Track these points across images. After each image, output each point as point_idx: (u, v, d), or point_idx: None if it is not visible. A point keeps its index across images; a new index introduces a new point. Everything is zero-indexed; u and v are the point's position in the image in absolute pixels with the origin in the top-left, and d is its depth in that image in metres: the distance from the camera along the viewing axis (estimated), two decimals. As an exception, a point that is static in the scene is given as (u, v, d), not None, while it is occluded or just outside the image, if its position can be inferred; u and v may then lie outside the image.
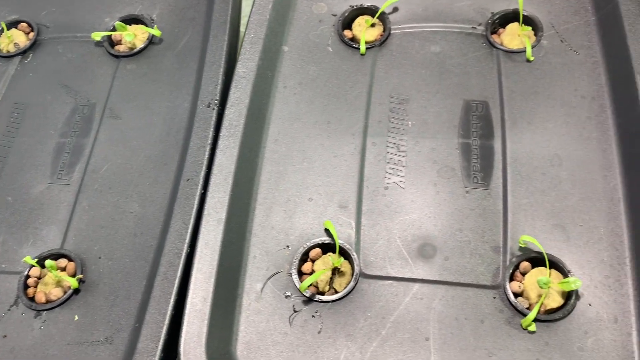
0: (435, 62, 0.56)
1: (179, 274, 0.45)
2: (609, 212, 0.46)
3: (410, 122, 0.53)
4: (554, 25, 0.57)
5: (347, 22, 0.61)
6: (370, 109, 0.54)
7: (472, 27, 0.58)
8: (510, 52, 0.56)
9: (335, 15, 0.61)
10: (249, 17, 0.57)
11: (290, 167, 0.52)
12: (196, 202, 0.47)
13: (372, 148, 0.52)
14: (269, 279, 0.46)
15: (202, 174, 0.49)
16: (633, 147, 0.48)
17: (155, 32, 0.60)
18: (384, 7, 0.59)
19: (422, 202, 0.49)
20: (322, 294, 0.46)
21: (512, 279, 0.45)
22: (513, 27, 0.58)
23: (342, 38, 0.59)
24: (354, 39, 0.60)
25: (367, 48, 0.58)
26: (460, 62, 0.56)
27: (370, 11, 0.61)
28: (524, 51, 0.56)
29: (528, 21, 0.58)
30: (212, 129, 0.51)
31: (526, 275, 0.45)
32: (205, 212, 0.47)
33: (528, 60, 0.55)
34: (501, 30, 0.59)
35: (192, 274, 0.44)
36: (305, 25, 0.60)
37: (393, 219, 0.49)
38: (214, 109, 0.52)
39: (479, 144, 0.51)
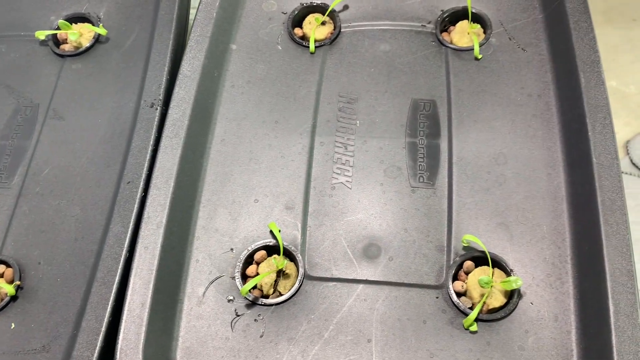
0: (385, 60, 0.56)
1: (117, 279, 0.44)
2: (552, 211, 0.47)
3: (358, 122, 0.53)
4: (502, 23, 0.57)
5: (298, 20, 0.60)
6: (319, 108, 0.54)
7: (422, 25, 0.58)
8: (459, 50, 0.56)
9: (285, 13, 0.60)
10: (195, 14, 0.56)
11: (236, 168, 0.51)
12: (136, 205, 0.46)
13: (320, 148, 0.52)
14: (211, 282, 0.46)
15: (143, 176, 0.48)
16: (576, 145, 0.48)
17: (101, 30, 0.59)
18: (334, 4, 0.58)
19: (368, 202, 0.49)
20: (267, 297, 0.46)
21: (456, 278, 0.45)
22: (462, 25, 0.58)
23: (291, 36, 0.58)
24: (304, 37, 0.59)
25: (316, 46, 0.57)
26: (409, 60, 0.56)
27: (321, 9, 0.60)
28: (472, 49, 0.55)
29: (477, 19, 0.58)
30: (154, 130, 0.50)
31: (469, 275, 0.45)
32: (145, 215, 0.46)
33: (476, 59, 0.55)
34: (451, 28, 0.59)
35: (130, 279, 0.43)
36: (255, 23, 0.59)
37: (339, 219, 0.48)
38: (157, 109, 0.51)
39: (426, 143, 0.51)
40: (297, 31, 0.59)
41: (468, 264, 0.45)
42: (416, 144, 0.51)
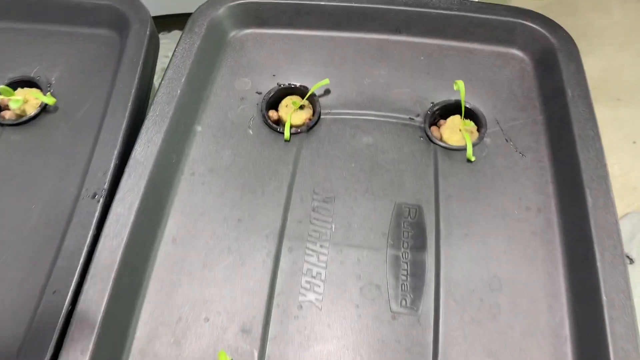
0: (367, 155, 0.50)
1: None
2: (553, 353, 0.40)
3: (333, 226, 0.46)
4: (499, 121, 0.52)
5: (273, 102, 0.54)
6: (290, 206, 0.47)
7: (410, 118, 0.52)
8: (449, 149, 0.50)
9: (259, 94, 0.54)
10: (157, 90, 0.50)
11: (186, 277, 0.43)
12: (59, 325, 0.38)
13: (288, 255, 0.44)
14: None
15: (73, 285, 0.40)
16: (582, 274, 0.41)
17: (49, 99, 0.52)
18: (315, 88, 0.52)
19: (340, 329, 0.41)
20: None
21: None
22: (454, 120, 0.52)
23: (265, 119, 0.52)
24: (279, 121, 0.53)
25: (292, 133, 0.51)
26: (394, 157, 0.50)
27: (300, 92, 0.54)
28: (464, 149, 0.50)
29: (470, 114, 0.52)
30: (93, 226, 0.42)
31: None
32: (69, 338, 0.37)
33: (469, 161, 0.49)
34: (441, 121, 0.53)
35: None
36: (225, 102, 0.53)
37: (305, 349, 0.40)
38: (99, 201, 0.44)
39: (410, 258, 0.44)
40: (272, 114, 0.53)
41: (455, 417, 0.37)
42: (399, 258, 0.44)
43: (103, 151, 0.46)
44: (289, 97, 0.54)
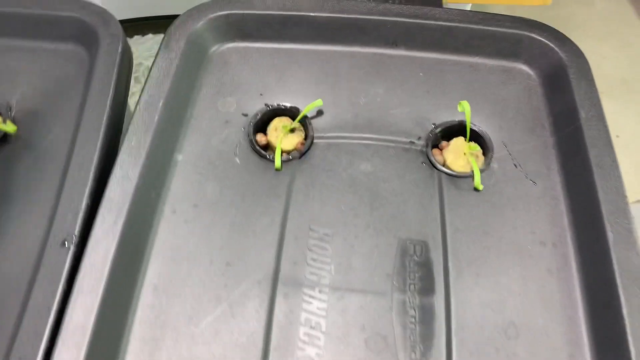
0: (366, 185, 0.46)
1: None
2: (578, 410, 0.36)
3: (333, 267, 0.42)
4: (506, 144, 0.48)
5: (261, 125, 0.49)
6: (283, 245, 0.43)
7: (410, 142, 0.48)
8: (454, 177, 0.46)
9: (246, 115, 0.49)
10: (132, 117, 0.45)
11: (170, 332, 0.39)
12: (24, 400, 0.33)
13: (284, 303, 0.40)
14: None
15: (41, 350, 0.35)
16: (605, 320, 0.38)
17: (9, 127, 0.46)
18: (307, 110, 0.48)
19: (344, 388, 0.37)
20: None
21: None
22: (458, 143, 0.48)
23: (253, 145, 0.47)
24: (268, 146, 0.48)
25: (283, 161, 0.47)
26: (395, 187, 0.45)
27: (290, 113, 0.49)
28: (470, 176, 0.46)
29: (476, 136, 0.48)
30: (63, 279, 0.37)
31: None
32: (36, 417, 0.33)
33: (476, 189, 0.45)
34: (444, 143, 0.49)
35: None
36: (208, 126, 0.48)
37: (305, 411, 0.36)
38: (69, 248, 0.39)
39: (418, 303, 0.40)
40: (260, 138, 0.48)
41: None
42: (406, 303, 0.40)
43: (72, 189, 0.41)
44: (278, 119, 0.49)
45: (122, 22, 0.50)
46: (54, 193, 0.43)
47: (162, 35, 0.53)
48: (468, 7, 0.72)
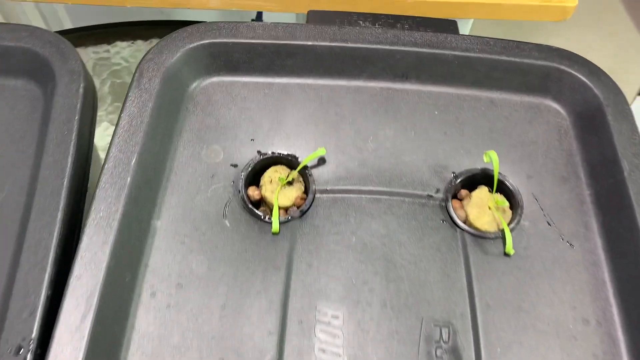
0: (380, 250, 0.39)
1: None
2: None
3: (345, 359, 0.35)
4: (536, 197, 0.42)
5: (253, 177, 0.42)
6: (286, 332, 0.36)
7: (428, 196, 0.42)
8: (480, 237, 0.40)
9: (235, 167, 0.42)
10: (99, 177, 0.37)
11: None
12: None
13: (289, 406, 0.34)
14: None
15: None
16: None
17: (-53, 190, 0.38)
18: (307, 160, 0.41)
19: None
20: None
21: None
22: (482, 194, 0.42)
23: (245, 203, 0.40)
24: (261, 202, 0.41)
25: (282, 222, 0.40)
26: (413, 252, 0.39)
27: (287, 162, 0.42)
28: (499, 237, 0.40)
29: (501, 187, 0.42)
30: (18, 403, 0.30)
31: None
32: None
33: (506, 254, 0.39)
34: (463, 192, 0.43)
35: None
36: (191, 182, 0.41)
37: None
38: (25, 357, 0.31)
39: (448, 402, 0.34)
40: (253, 192, 0.41)
41: None
42: (433, 403, 0.34)
43: (28, 277, 0.34)
44: (273, 169, 0.42)
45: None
46: (3, 284, 0.35)
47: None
48: (468, 27, 0.66)
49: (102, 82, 0.68)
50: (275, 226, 0.39)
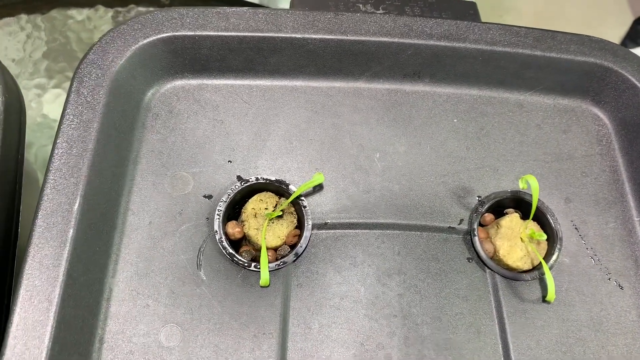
0: (397, 304, 0.32)
1: None
2: None
3: None
4: (576, 226, 0.35)
5: (234, 209, 0.34)
6: (284, 416, 0.29)
7: (450, 228, 0.34)
8: (513, 280, 0.33)
9: (210, 198, 0.33)
10: (30, 234, 0.28)
11: None
12: None
13: None
14: None
15: None
16: None
17: None
18: (301, 190, 0.32)
19: None
20: None
21: None
22: (512, 223, 0.34)
23: (225, 247, 0.32)
24: (244, 241, 0.33)
25: (272, 270, 0.31)
26: (434, 304, 0.32)
27: (275, 190, 0.34)
28: (536, 278, 0.33)
29: (536, 215, 0.35)
30: None
31: None
32: None
33: (545, 300, 0.32)
34: (488, 217, 0.35)
35: None
36: (153, 223, 0.32)
37: None
38: None
39: None
40: (232, 229, 0.33)
41: None
42: None
43: None
44: (257, 198, 0.34)
45: None
46: None
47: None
48: None
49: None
50: (265, 278, 0.31)
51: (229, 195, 0.33)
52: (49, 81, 0.56)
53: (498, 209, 0.35)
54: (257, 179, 0.33)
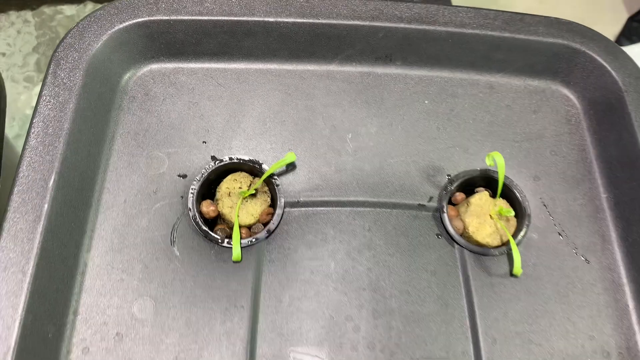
0: (365, 278, 0.32)
1: None
2: None
3: (327, 417, 0.29)
4: (545, 202, 0.35)
5: (207, 188, 0.34)
6: (253, 385, 0.29)
7: (419, 205, 0.35)
8: (481, 254, 0.34)
9: (184, 177, 0.34)
10: (6, 209, 0.29)
11: None
12: None
13: None
14: None
15: None
16: None
17: None
18: (273, 169, 0.33)
19: None
20: None
21: None
22: (482, 201, 0.35)
23: (198, 223, 0.33)
24: (219, 219, 0.34)
25: (244, 247, 0.32)
26: (404, 278, 0.33)
27: (249, 169, 0.35)
28: (504, 253, 0.34)
29: (505, 192, 0.36)
30: None
31: None
32: None
33: (512, 275, 0.33)
34: (458, 196, 0.36)
35: None
36: (128, 201, 0.33)
37: None
38: None
39: None
40: (207, 208, 0.33)
41: None
42: None
43: None
44: (231, 177, 0.34)
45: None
46: None
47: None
48: None
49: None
50: (237, 253, 0.32)
51: (202, 174, 0.34)
52: (38, 75, 0.57)
53: (468, 188, 0.36)
54: (230, 158, 0.34)
